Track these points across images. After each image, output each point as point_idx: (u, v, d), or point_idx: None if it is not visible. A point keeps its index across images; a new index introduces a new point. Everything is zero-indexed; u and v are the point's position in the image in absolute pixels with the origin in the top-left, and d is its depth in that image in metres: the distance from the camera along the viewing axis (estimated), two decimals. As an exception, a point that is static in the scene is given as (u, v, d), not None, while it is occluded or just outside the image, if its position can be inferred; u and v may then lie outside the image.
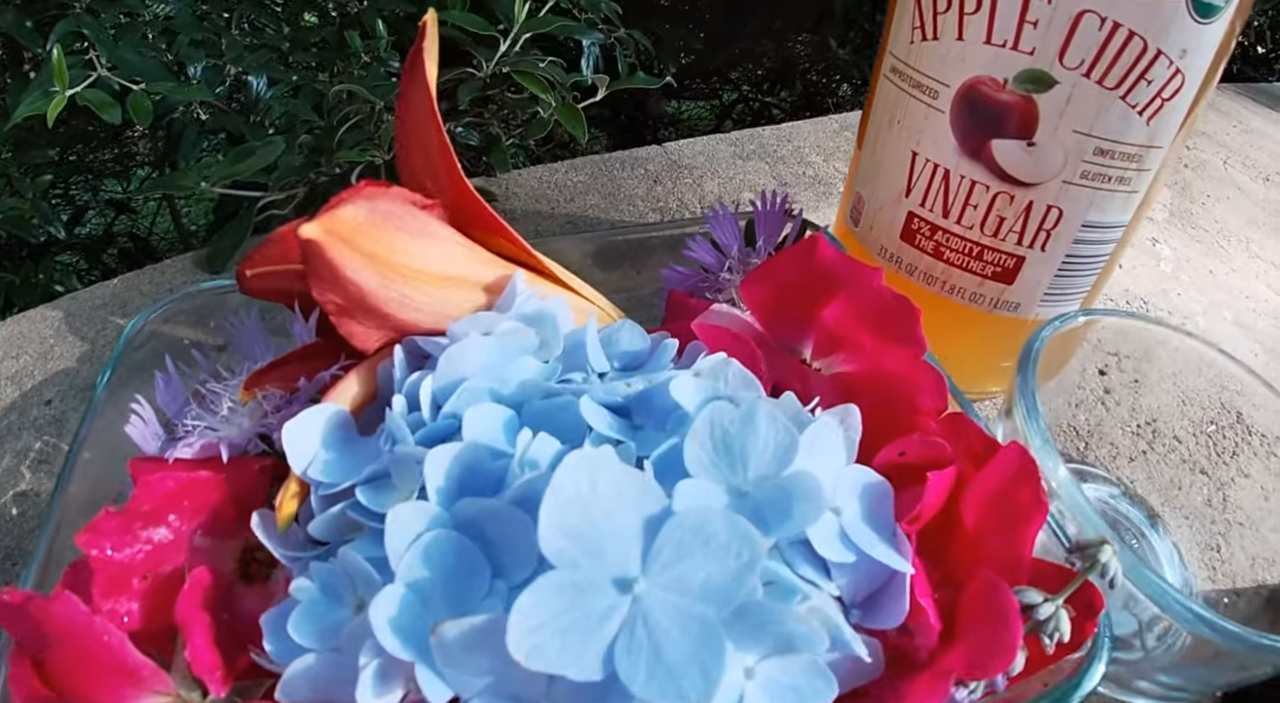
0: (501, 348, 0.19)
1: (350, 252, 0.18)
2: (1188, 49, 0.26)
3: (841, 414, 0.19)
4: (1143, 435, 0.39)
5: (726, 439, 0.16)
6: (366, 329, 0.20)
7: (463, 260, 0.22)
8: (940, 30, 0.28)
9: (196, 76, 0.51)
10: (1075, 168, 0.28)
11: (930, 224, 0.32)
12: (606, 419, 0.18)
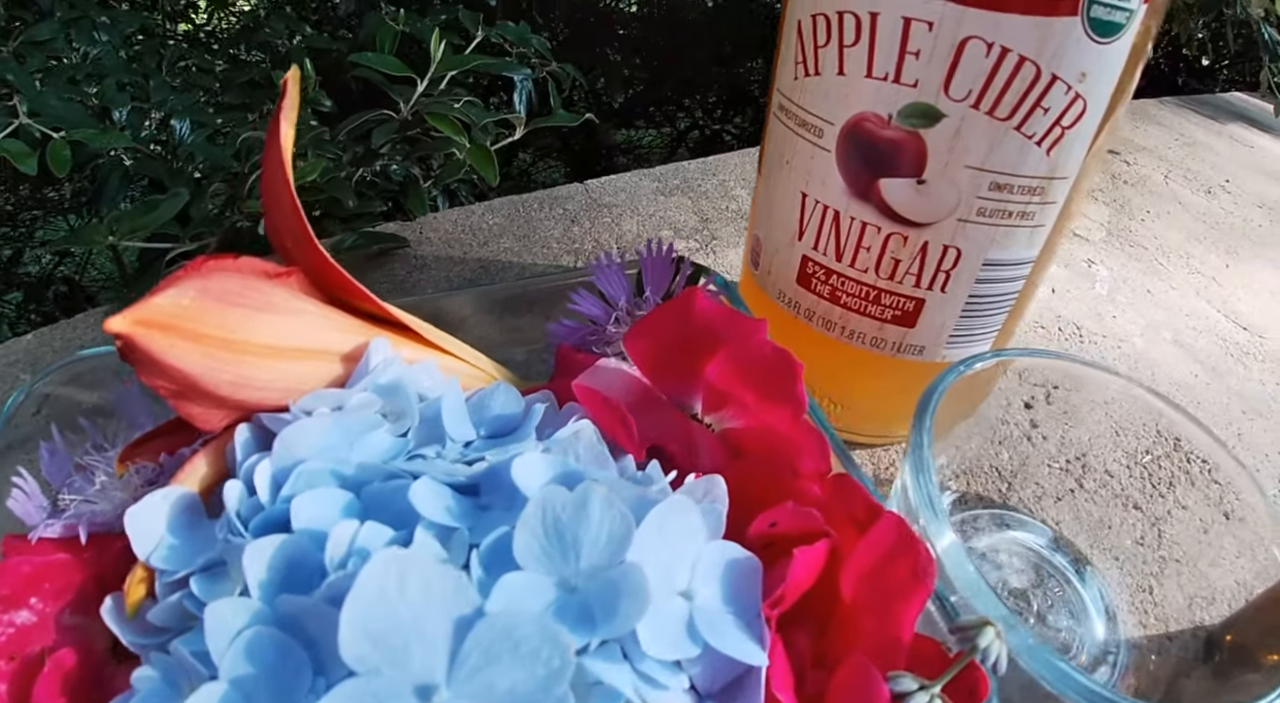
0: (343, 425, 0.19)
1: (171, 338, 0.17)
2: (1087, 72, 0.24)
3: (706, 485, 0.19)
4: (1071, 472, 0.37)
5: (559, 527, 0.15)
6: (206, 410, 0.19)
7: (316, 330, 0.21)
8: (821, 65, 0.27)
9: (121, 121, 0.50)
10: (971, 205, 0.26)
11: (824, 268, 0.30)
12: (445, 502, 0.17)
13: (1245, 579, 0.29)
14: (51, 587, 0.19)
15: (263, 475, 0.18)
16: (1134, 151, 0.87)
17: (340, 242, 0.41)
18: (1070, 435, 0.38)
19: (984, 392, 0.34)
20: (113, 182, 0.50)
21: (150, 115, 0.51)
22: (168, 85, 0.55)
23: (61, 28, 0.52)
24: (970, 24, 0.22)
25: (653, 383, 0.24)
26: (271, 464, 0.18)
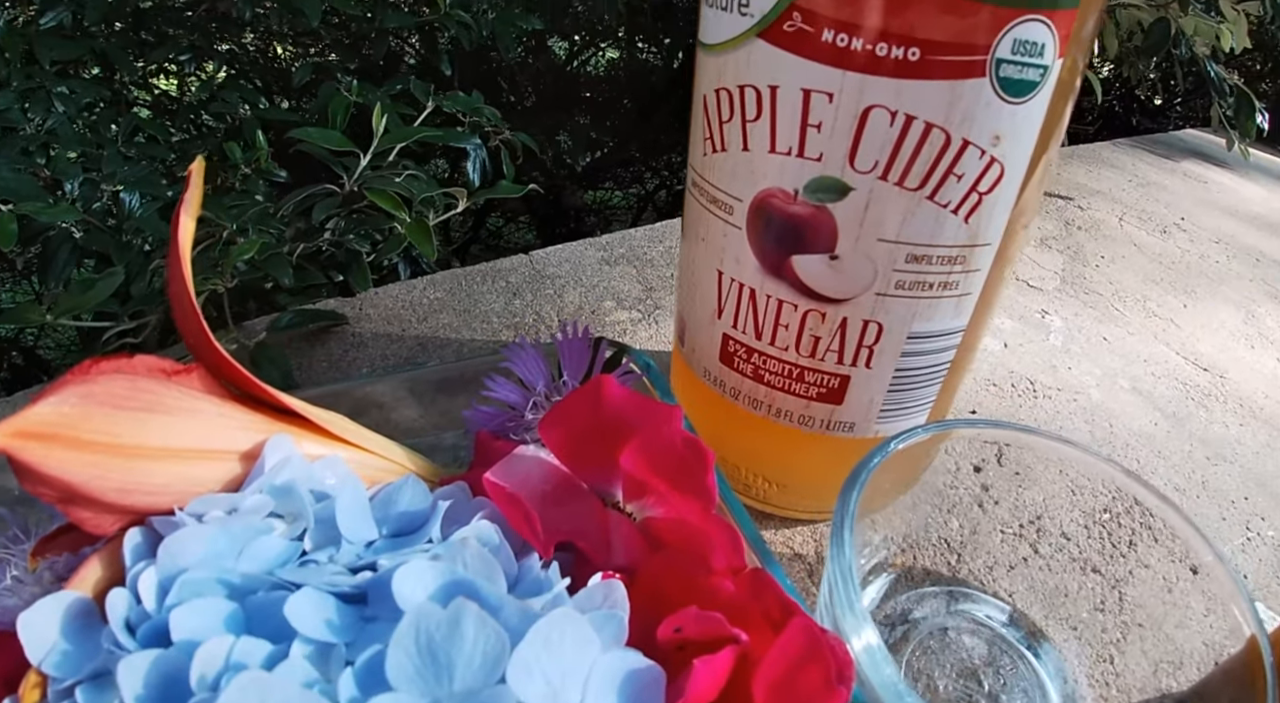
0: (231, 530, 0.18)
1: (49, 447, 0.17)
2: (1002, 135, 0.23)
3: (605, 590, 0.18)
4: (1025, 537, 0.36)
5: (432, 646, 0.15)
6: (96, 515, 0.19)
7: (212, 430, 0.20)
8: (727, 141, 0.26)
9: (73, 193, 0.50)
10: (888, 279, 0.25)
11: (745, 346, 0.29)
12: (326, 615, 0.16)
13: (1215, 639, 0.28)
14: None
15: (147, 584, 0.17)
16: (1088, 196, 0.88)
17: (277, 320, 0.41)
18: (1024, 498, 0.37)
19: (923, 463, 0.33)
20: (61, 254, 0.50)
21: (102, 187, 0.51)
22: (121, 156, 0.55)
23: (16, 98, 0.52)
24: (872, 93, 0.22)
25: (572, 471, 0.24)
26: (157, 572, 0.17)
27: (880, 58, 0.21)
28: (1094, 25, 0.23)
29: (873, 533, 0.34)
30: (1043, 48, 0.21)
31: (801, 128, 0.23)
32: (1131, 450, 0.46)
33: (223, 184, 0.59)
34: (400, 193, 0.45)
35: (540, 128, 1.10)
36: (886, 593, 0.33)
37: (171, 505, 0.19)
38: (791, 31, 0.22)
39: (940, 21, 0.20)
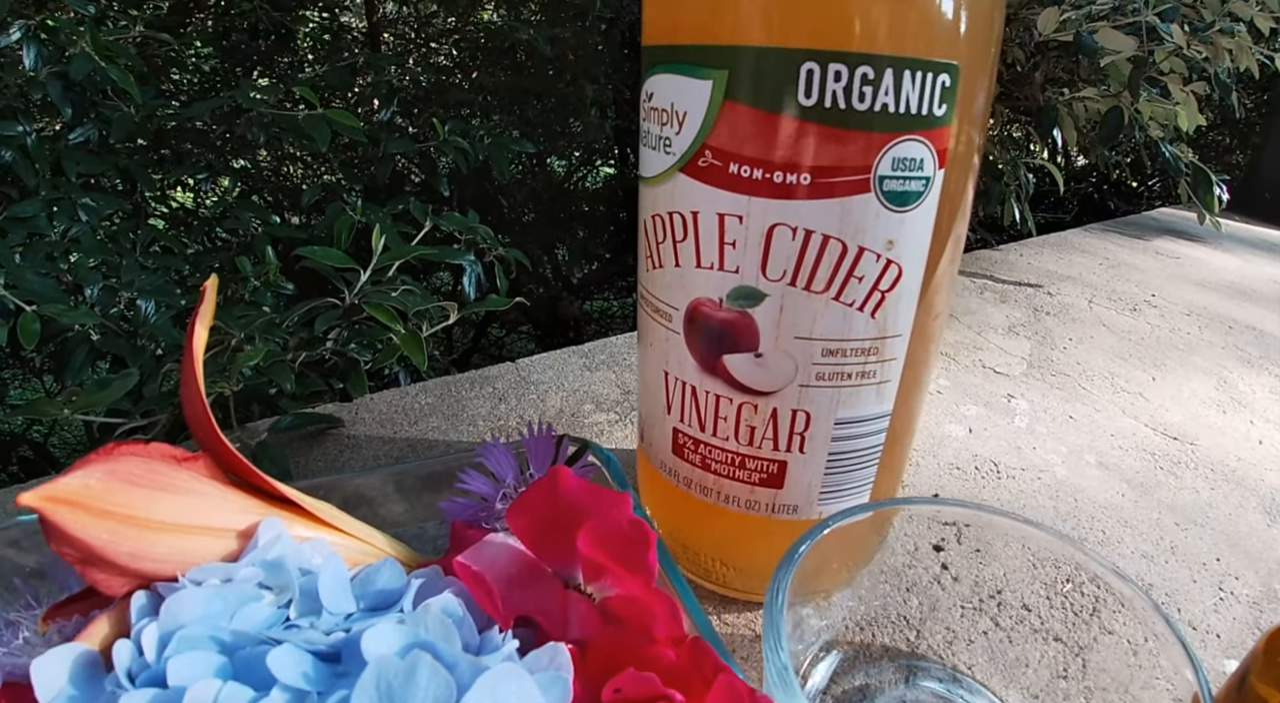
0: (225, 595, 0.21)
1: (75, 512, 0.20)
2: (894, 240, 0.26)
3: (550, 654, 0.21)
4: (986, 611, 0.37)
5: (390, 692, 0.17)
6: (109, 576, 0.22)
7: (213, 510, 0.23)
8: (662, 259, 0.29)
9: (92, 297, 0.54)
10: (809, 371, 0.28)
11: (692, 438, 0.31)
12: (303, 668, 0.19)
13: (1184, 699, 0.27)
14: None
15: (149, 638, 0.19)
16: (1058, 282, 0.91)
17: (278, 422, 0.44)
18: (984, 574, 0.37)
19: (872, 542, 0.34)
20: (78, 355, 0.53)
21: (120, 293, 0.56)
22: (139, 264, 0.59)
23: (43, 206, 0.57)
24: (774, 213, 0.25)
25: (537, 555, 0.26)
26: (158, 628, 0.20)
27: (778, 184, 0.25)
28: (974, 136, 0.27)
29: (823, 613, 0.35)
30: (921, 162, 0.25)
31: (720, 245, 0.27)
32: (1097, 523, 0.47)
33: (233, 295, 0.63)
34: (396, 306, 0.49)
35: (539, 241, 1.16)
36: (840, 670, 0.34)
37: (174, 572, 0.22)
38: (705, 166, 0.26)
39: (825, 150, 0.24)
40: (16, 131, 0.56)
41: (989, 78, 0.27)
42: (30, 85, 0.58)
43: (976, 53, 0.25)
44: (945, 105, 0.24)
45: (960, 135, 0.26)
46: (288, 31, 0.84)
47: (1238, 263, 1.08)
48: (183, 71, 0.84)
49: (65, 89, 0.59)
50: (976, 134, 0.27)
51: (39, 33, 0.58)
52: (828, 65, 0.23)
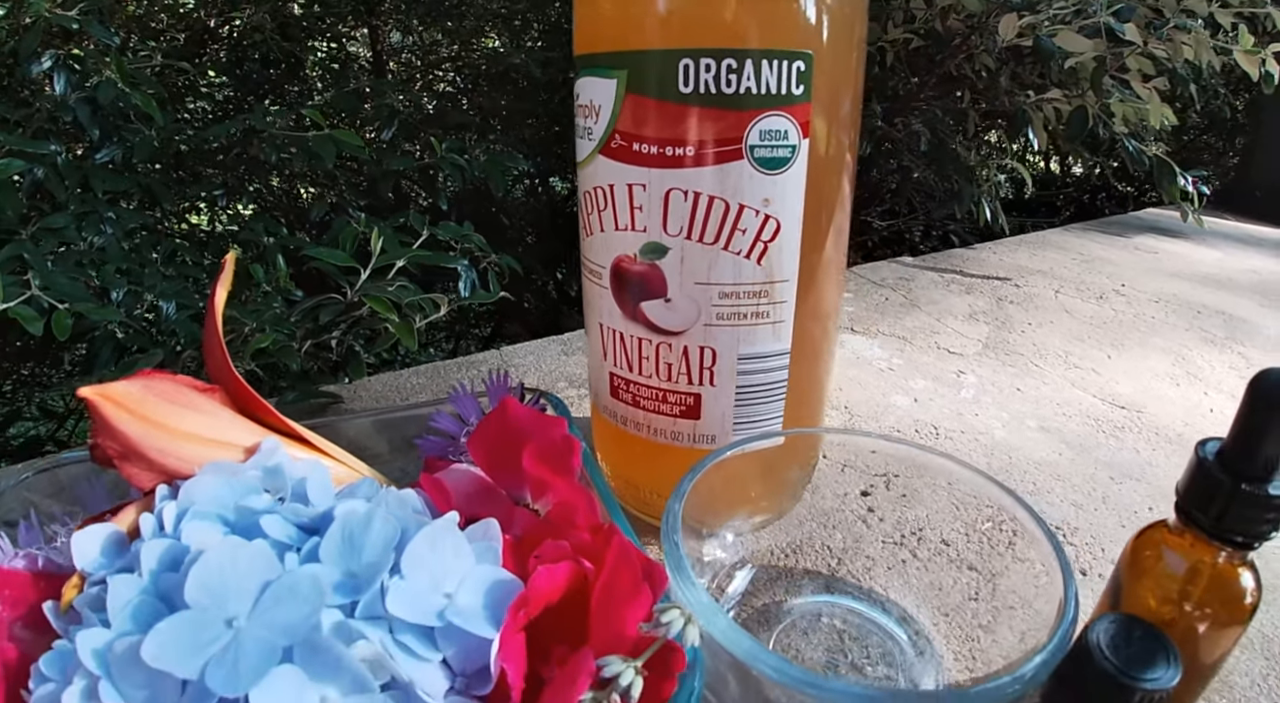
0: (231, 484, 0.26)
1: (119, 410, 0.26)
2: (770, 198, 0.31)
3: (484, 528, 0.26)
4: (906, 545, 0.40)
5: (350, 536, 0.23)
6: (140, 471, 0.27)
7: (225, 428, 0.29)
8: (593, 227, 0.35)
9: (117, 300, 0.60)
10: (709, 312, 0.33)
11: (624, 379, 0.37)
12: (288, 531, 0.24)
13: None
14: (10, 595, 0.26)
15: (169, 512, 0.24)
16: (1027, 276, 0.94)
17: (284, 396, 0.50)
18: (908, 515, 0.40)
19: (787, 473, 0.39)
20: (105, 351, 0.59)
21: (143, 297, 0.62)
22: (160, 273, 0.65)
23: (73, 219, 0.62)
24: (669, 180, 0.31)
25: (493, 479, 0.31)
26: (176, 506, 0.25)
27: (670, 156, 0.31)
28: (838, 110, 0.32)
29: (746, 538, 0.39)
30: (786, 133, 0.31)
31: (631, 210, 0.33)
32: (1029, 476, 0.50)
33: (246, 300, 0.69)
34: (392, 298, 0.55)
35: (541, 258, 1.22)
36: (762, 585, 0.38)
37: (193, 472, 0.27)
38: (616, 147, 0.32)
39: (703, 127, 0.30)
40: (49, 150, 0.62)
41: (852, 63, 0.33)
42: (60, 109, 0.65)
43: (831, 43, 0.31)
44: (802, 86, 0.30)
45: (823, 110, 0.31)
46: (297, 60, 0.91)
47: (1218, 256, 1.10)
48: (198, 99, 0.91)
49: (93, 113, 0.66)
50: (844, 110, 0.33)
51: (68, 61, 0.65)
52: (699, 60, 0.29)
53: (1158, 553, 0.28)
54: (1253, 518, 0.25)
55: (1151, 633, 0.24)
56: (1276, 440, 0.24)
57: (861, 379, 0.64)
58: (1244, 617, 0.27)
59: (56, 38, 0.68)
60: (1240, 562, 0.27)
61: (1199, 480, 0.26)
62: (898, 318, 0.78)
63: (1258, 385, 0.24)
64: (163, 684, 0.19)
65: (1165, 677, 0.22)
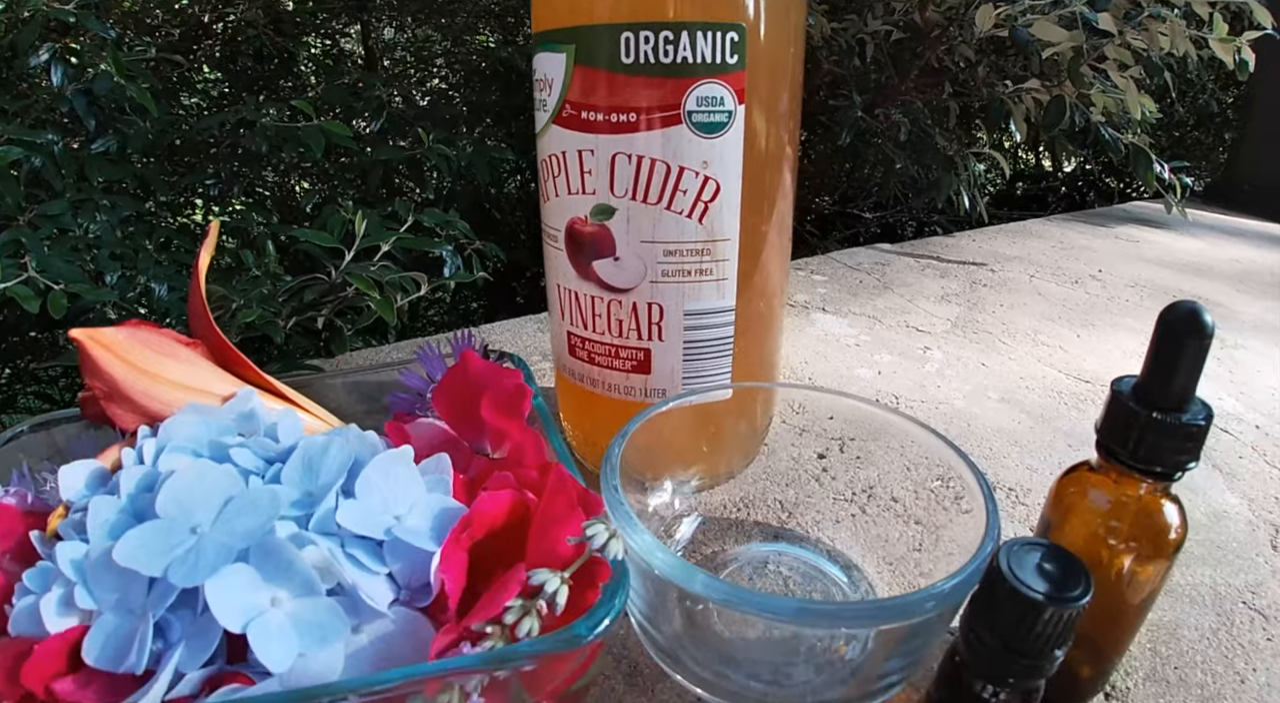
0: (206, 423, 0.28)
1: (106, 353, 0.28)
2: (709, 160, 0.33)
3: (436, 462, 0.28)
4: (856, 502, 0.41)
5: (310, 461, 0.25)
6: (124, 413, 0.29)
7: (205, 377, 0.31)
8: (548, 192, 0.37)
9: (112, 283, 0.62)
10: (655, 269, 0.35)
11: (580, 337, 0.39)
12: (257, 462, 0.26)
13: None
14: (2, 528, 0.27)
15: (149, 447, 0.27)
16: (1003, 262, 0.95)
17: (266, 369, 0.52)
18: (860, 475, 0.42)
19: (735, 427, 0.41)
20: (99, 330, 0.61)
21: (136, 280, 0.64)
22: (154, 259, 0.67)
23: (69, 207, 0.65)
24: (614, 145, 0.33)
25: (456, 432, 0.33)
26: (155, 442, 0.27)
27: (615, 122, 0.33)
28: (774, 78, 0.34)
29: (696, 492, 0.41)
30: (722, 99, 0.33)
31: (581, 174, 0.35)
32: (985, 442, 0.51)
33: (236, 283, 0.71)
34: (374, 277, 0.57)
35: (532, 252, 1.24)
36: (712, 534, 0.40)
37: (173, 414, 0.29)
38: (567, 116, 0.35)
39: (644, 94, 0.32)
40: (46, 140, 0.64)
41: (788, 35, 0.35)
42: (57, 101, 0.67)
43: (765, 15, 0.33)
44: (736, 56, 0.32)
45: (758, 79, 0.34)
46: (290, 56, 0.93)
47: (1200, 246, 1.10)
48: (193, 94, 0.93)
49: (89, 104, 0.69)
50: (780, 79, 0.35)
51: (65, 54, 0.67)
52: (640, 32, 0.31)
53: (1082, 491, 0.29)
54: (1169, 448, 0.26)
55: (1063, 556, 0.24)
56: (1188, 371, 0.25)
57: (827, 353, 0.65)
58: (1169, 551, 0.28)
59: (54, 31, 0.71)
60: (1163, 494, 0.28)
61: (1116, 415, 0.27)
62: (869, 299, 0.80)
63: (1167, 318, 0.25)
64: (131, 586, 0.22)
65: (1075, 595, 0.23)
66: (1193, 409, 0.25)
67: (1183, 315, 0.25)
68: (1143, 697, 0.33)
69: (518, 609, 0.22)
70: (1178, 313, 0.25)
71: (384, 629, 0.23)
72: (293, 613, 0.22)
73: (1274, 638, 0.36)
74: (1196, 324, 0.24)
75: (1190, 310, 0.24)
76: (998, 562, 0.24)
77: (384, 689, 0.20)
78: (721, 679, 0.29)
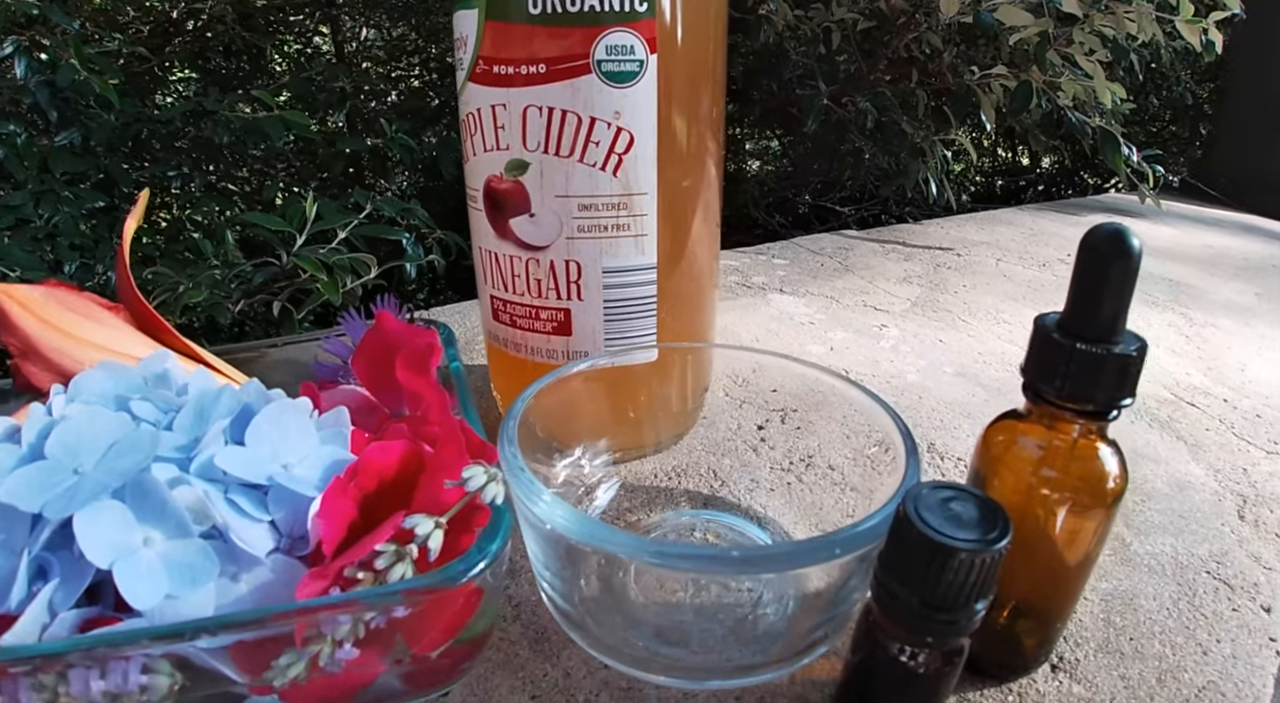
0: (115, 379, 0.28)
1: (21, 310, 0.28)
2: (621, 111, 0.33)
3: (335, 416, 0.28)
4: (793, 470, 0.40)
5: (203, 409, 0.25)
6: (39, 371, 0.29)
7: (124, 341, 0.31)
8: (468, 153, 0.37)
9: (70, 272, 0.63)
10: (571, 225, 0.35)
11: (502, 300, 0.39)
12: (152, 411, 0.26)
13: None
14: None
15: (59, 401, 0.26)
16: (970, 247, 0.95)
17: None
18: (799, 444, 0.41)
19: (651, 390, 0.40)
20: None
21: (95, 269, 0.64)
22: (113, 249, 0.67)
23: (30, 198, 0.65)
24: (523, 98, 0.33)
25: (375, 397, 0.34)
26: (66, 396, 0.27)
27: (525, 75, 0.33)
28: (690, 27, 0.34)
29: (611, 453, 0.40)
30: (632, 48, 0.33)
31: (495, 130, 0.35)
32: (936, 414, 0.51)
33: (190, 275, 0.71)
34: (322, 259, 0.57)
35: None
36: (635, 504, 0.39)
37: (86, 371, 0.29)
38: (480, 72, 0.34)
39: (552, 45, 0.32)
40: (9, 131, 0.65)
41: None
42: (20, 93, 0.68)
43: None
44: (646, 3, 0.32)
45: (671, 27, 0.33)
46: (259, 52, 0.94)
47: (1173, 233, 1.10)
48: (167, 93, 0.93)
49: (52, 96, 0.69)
50: (697, 28, 0.35)
51: (32, 48, 0.67)
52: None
53: (1011, 439, 0.27)
54: (1098, 382, 0.24)
55: (979, 498, 0.23)
56: (1115, 298, 0.23)
57: (779, 331, 0.65)
58: (1109, 500, 0.26)
59: (19, 25, 0.71)
60: (1099, 438, 0.26)
61: (1040, 350, 0.25)
62: (829, 280, 0.80)
63: (1090, 241, 0.23)
64: (15, 526, 0.22)
65: (990, 539, 0.21)
66: (1124, 341, 0.23)
67: (1106, 237, 0.22)
68: (1094, 669, 0.31)
69: (390, 555, 0.22)
70: (1100, 235, 0.23)
71: (262, 578, 0.23)
72: (164, 554, 0.22)
73: (1240, 609, 0.35)
74: (1121, 245, 0.22)
75: (1114, 231, 0.22)
76: (903, 506, 0.22)
77: (240, 625, 0.20)
78: (630, 646, 0.29)
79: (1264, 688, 0.31)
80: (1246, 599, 0.35)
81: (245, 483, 0.24)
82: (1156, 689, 0.30)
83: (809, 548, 0.25)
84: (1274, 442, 0.50)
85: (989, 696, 0.29)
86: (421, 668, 0.26)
